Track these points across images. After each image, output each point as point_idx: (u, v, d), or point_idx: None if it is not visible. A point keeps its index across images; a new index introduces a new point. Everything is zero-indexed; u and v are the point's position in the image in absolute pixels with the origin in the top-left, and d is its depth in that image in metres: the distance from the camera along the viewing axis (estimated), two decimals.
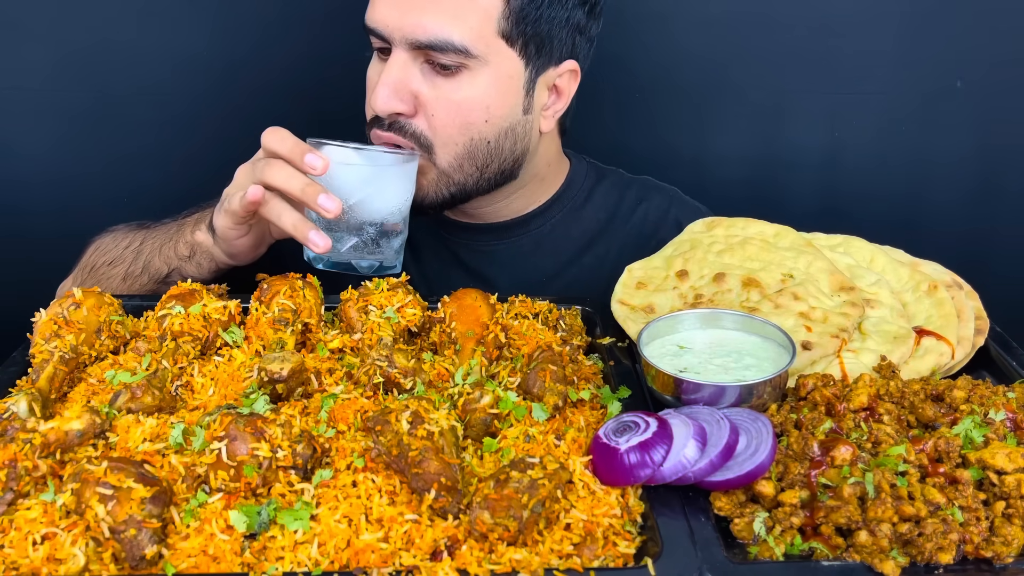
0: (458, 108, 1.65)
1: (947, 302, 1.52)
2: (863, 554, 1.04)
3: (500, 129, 1.71)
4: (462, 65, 1.62)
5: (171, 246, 1.75)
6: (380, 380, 1.31)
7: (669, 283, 1.60)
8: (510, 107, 1.70)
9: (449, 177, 1.73)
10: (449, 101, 1.65)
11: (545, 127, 1.80)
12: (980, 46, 2.37)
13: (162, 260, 1.75)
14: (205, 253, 1.70)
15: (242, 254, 1.70)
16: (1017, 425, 1.22)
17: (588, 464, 1.16)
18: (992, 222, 2.52)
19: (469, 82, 1.64)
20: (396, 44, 1.62)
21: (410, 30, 1.59)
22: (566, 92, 1.80)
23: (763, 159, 2.50)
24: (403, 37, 1.61)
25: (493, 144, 1.71)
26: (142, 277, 1.77)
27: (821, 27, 2.36)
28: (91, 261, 1.84)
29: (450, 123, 1.66)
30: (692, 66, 2.40)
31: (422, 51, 1.62)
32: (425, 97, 1.65)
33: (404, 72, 1.63)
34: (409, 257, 1.92)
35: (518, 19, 1.62)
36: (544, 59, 1.70)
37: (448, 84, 1.64)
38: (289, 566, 1.01)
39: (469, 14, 1.60)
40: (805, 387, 1.31)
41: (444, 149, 1.69)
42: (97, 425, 1.19)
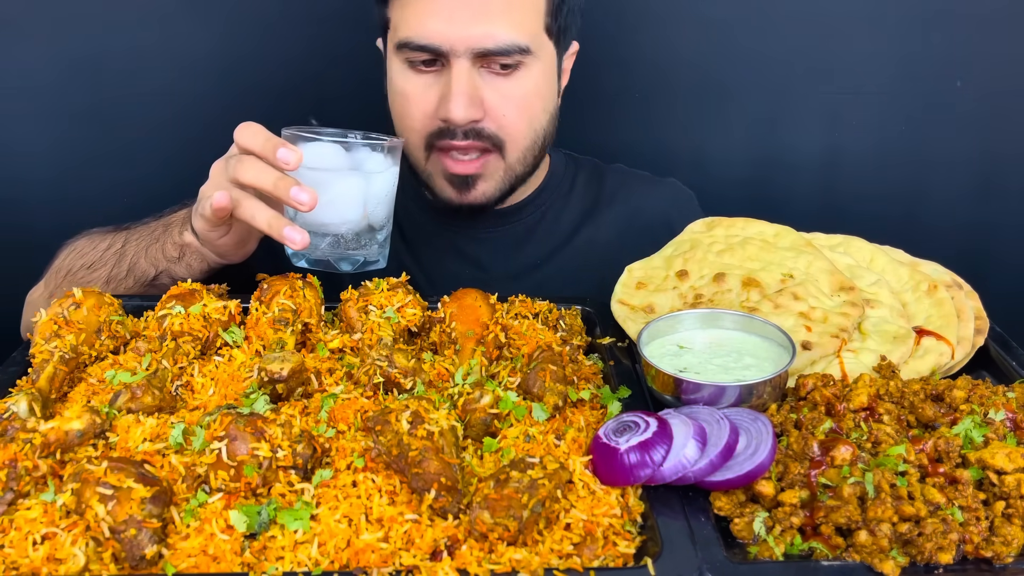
0: (523, 104, 1.76)
1: (947, 302, 1.52)
2: (863, 554, 1.04)
3: (550, 115, 1.84)
4: (520, 63, 1.71)
5: (158, 247, 1.71)
6: (380, 380, 1.31)
7: (669, 283, 1.60)
8: (553, 93, 1.84)
9: (513, 171, 1.84)
10: (514, 98, 1.74)
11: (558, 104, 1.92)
12: (980, 46, 2.37)
13: (148, 262, 1.71)
14: (195, 254, 1.68)
15: (229, 253, 1.67)
16: (1017, 425, 1.22)
17: (588, 464, 1.16)
18: (992, 222, 2.52)
19: (526, 77, 1.74)
20: (457, 55, 1.67)
21: (476, 40, 1.65)
22: (568, 70, 1.93)
23: (763, 159, 2.50)
24: (468, 48, 1.66)
25: (547, 130, 1.86)
26: (127, 280, 1.73)
27: (821, 27, 2.37)
28: (66, 265, 1.79)
29: (519, 119, 1.77)
30: (692, 66, 2.41)
31: (482, 57, 1.68)
32: (492, 101, 1.73)
33: (471, 80, 1.70)
34: (402, 247, 1.96)
35: (556, 12, 1.74)
36: (565, 44, 1.84)
37: (507, 84, 1.73)
38: (289, 566, 1.01)
39: (523, 16, 1.69)
40: (805, 387, 1.31)
41: (514, 145, 1.79)
42: (97, 425, 1.19)
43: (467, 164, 1.78)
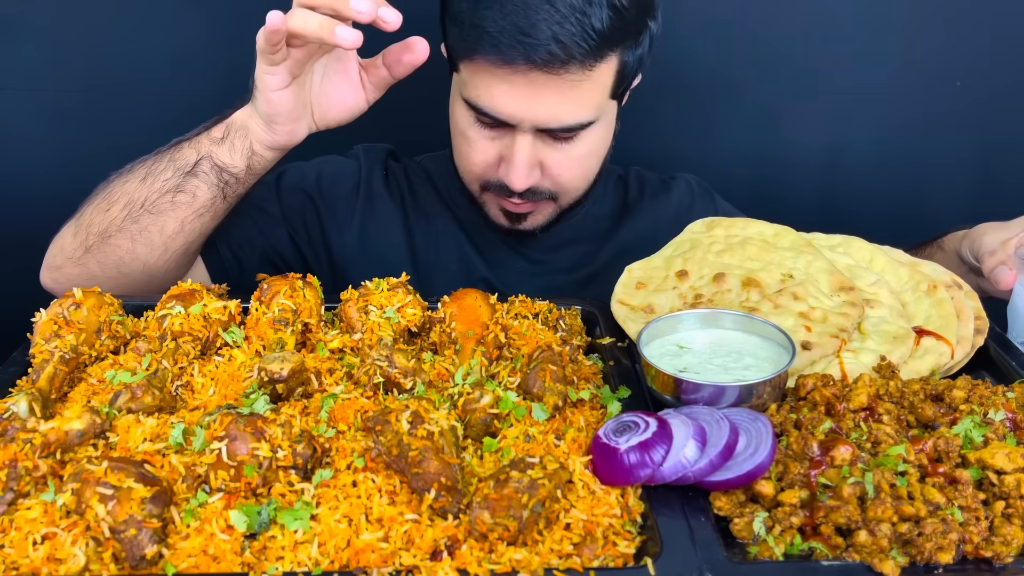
0: (581, 163, 1.80)
1: (946, 302, 1.52)
2: (863, 554, 1.04)
3: (604, 161, 1.90)
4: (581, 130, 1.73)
5: (203, 135, 1.68)
6: (380, 380, 1.31)
7: (669, 283, 1.60)
8: (609, 142, 1.88)
9: (561, 208, 1.89)
10: (572, 160, 1.77)
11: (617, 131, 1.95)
12: (980, 46, 2.37)
13: (192, 147, 1.67)
14: (240, 130, 1.64)
15: (282, 115, 1.61)
16: (1016, 425, 1.22)
17: (588, 464, 1.16)
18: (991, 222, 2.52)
19: (587, 139, 1.76)
20: (523, 129, 1.69)
21: (543, 120, 1.67)
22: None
23: (763, 159, 2.50)
24: (533, 125, 1.68)
25: (600, 174, 1.91)
26: (165, 172, 1.66)
27: (821, 27, 2.37)
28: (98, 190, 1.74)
29: (576, 177, 1.83)
30: (692, 67, 2.41)
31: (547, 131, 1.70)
32: (550, 163, 1.76)
33: (534, 149, 1.73)
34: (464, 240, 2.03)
35: (623, 77, 1.73)
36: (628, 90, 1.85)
37: (569, 147, 1.75)
38: (289, 566, 1.01)
39: (592, 94, 1.68)
40: (805, 387, 1.31)
41: (566, 195, 1.86)
42: (97, 425, 1.19)
43: (521, 206, 1.83)
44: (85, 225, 1.72)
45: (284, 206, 1.98)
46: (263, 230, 1.95)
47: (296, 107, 1.62)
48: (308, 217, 1.99)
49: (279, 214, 1.97)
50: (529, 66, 1.59)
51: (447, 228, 2.03)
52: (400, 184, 2.06)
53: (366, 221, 2.00)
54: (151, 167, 1.69)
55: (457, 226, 2.03)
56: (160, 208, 1.66)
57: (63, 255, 1.75)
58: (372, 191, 2.03)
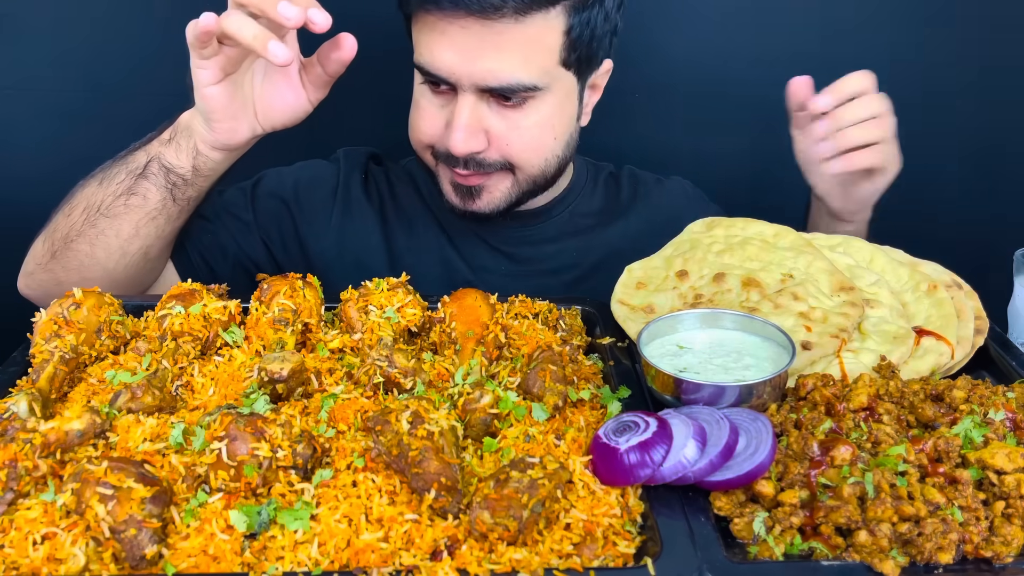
0: (529, 134, 1.74)
1: (947, 302, 1.52)
2: (863, 554, 1.04)
3: (564, 142, 1.83)
4: (528, 97, 1.69)
5: (155, 138, 1.68)
6: (380, 380, 1.31)
7: (669, 283, 1.60)
8: (570, 120, 1.82)
9: (520, 188, 1.83)
10: (520, 130, 1.72)
11: (584, 122, 1.91)
12: (980, 46, 2.37)
13: (143, 151, 1.68)
14: (185, 130, 1.63)
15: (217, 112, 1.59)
16: (1017, 425, 1.22)
17: (588, 464, 1.16)
18: (992, 222, 2.52)
19: (536, 109, 1.71)
20: (463, 88, 1.66)
21: (480, 77, 1.63)
22: (600, 87, 1.91)
23: (763, 159, 2.50)
24: (472, 83, 1.64)
25: (561, 156, 1.84)
26: (119, 175, 1.66)
27: (821, 27, 2.36)
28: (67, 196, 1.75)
29: (525, 148, 1.75)
30: (692, 66, 2.41)
31: (489, 91, 1.66)
32: (497, 131, 1.71)
33: (475, 112, 1.68)
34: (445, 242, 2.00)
35: (575, 46, 1.69)
36: (591, 68, 1.80)
37: (517, 114, 1.71)
38: (289, 566, 1.01)
39: (534, 55, 1.64)
40: (805, 387, 1.31)
41: (522, 169, 1.79)
42: (97, 425, 1.19)
43: (469, 177, 1.78)
44: (51, 231, 1.72)
45: (258, 213, 1.98)
46: (235, 236, 1.95)
47: (232, 105, 1.60)
48: (284, 224, 1.99)
49: (252, 221, 1.97)
50: (463, 14, 1.57)
51: (428, 231, 2.00)
52: (380, 188, 2.05)
53: (343, 226, 1.99)
54: (107, 171, 1.70)
55: (438, 228, 2.00)
56: (115, 211, 1.66)
57: (34, 261, 1.75)
58: (350, 196, 2.02)
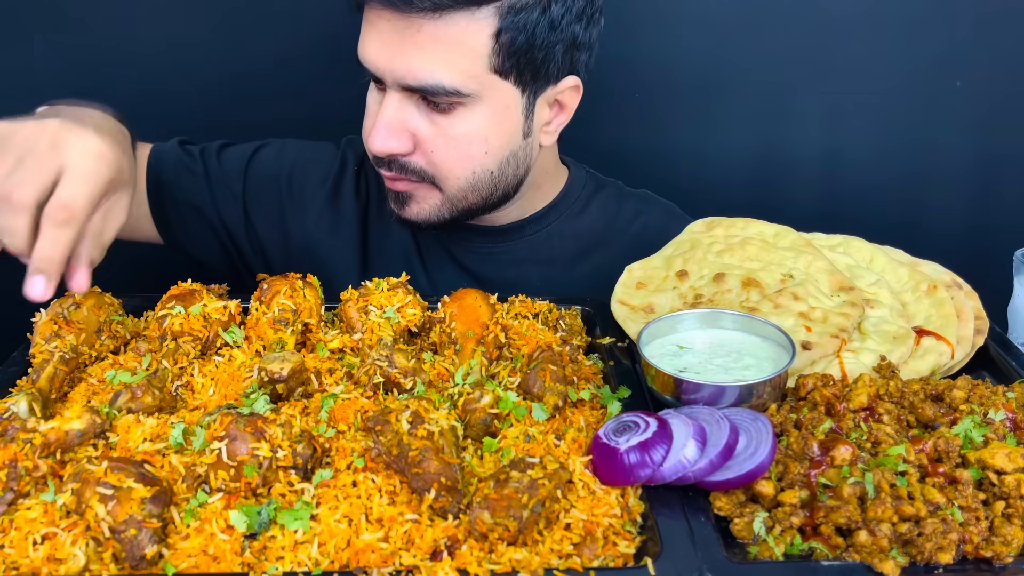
0: (456, 143, 1.64)
1: (947, 302, 1.52)
2: (863, 554, 1.04)
3: (501, 158, 1.69)
4: (456, 103, 1.60)
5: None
6: (380, 380, 1.31)
7: (669, 283, 1.60)
8: (509, 135, 1.68)
9: (452, 204, 1.73)
10: (447, 137, 1.63)
11: (546, 142, 1.78)
12: (980, 46, 2.37)
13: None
14: None
15: None
16: (1017, 425, 1.22)
17: (588, 464, 1.16)
18: (992, 222, 2.52)
19: (465, 118, 1.62)
20: (388, 84, 1.60)
21: (400, 74, 1.56)
22: (569, 106, 1.77)
23: (763, 159, 2.50)
24: (394, 80, 1.58)
25: (496, 174, 1.71)
26: None
27: (821, 27, 2.36)
28: None
29: (450, 158, 1.65)
30: (692, 66, 2.41)
31: (414, 91, 1.59)
32: (423, 134, 1.63)
33: (400, 112, 1.61)
34: (413, 251, 1.93)
35: (509, 53, 1.58)
36: (542, 82, 1.67)
37: (445, 120, 1.62)
38: (289, 566, 1.01)
39: (457, 56, 1.55)
40: (805, 387, 1.31)
41: (447, 182, 1.68)
42: (97, 425, 1.19)
43: (395, 183, 1.72)
44: None
45: (248, 184, 1.93)
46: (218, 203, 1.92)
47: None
48: (270, 201, 1.94)
49: (240, 192, 1.92)
50: (383, 6, 1.53)
51: (401, 236, 1.93)
52: (369, 183, 1.98)
53: (323, 214, 1.93)
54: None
55: (410, 236, 1.93)
56: None
57: None
58: (341, 186, 1.96)
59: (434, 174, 1.67)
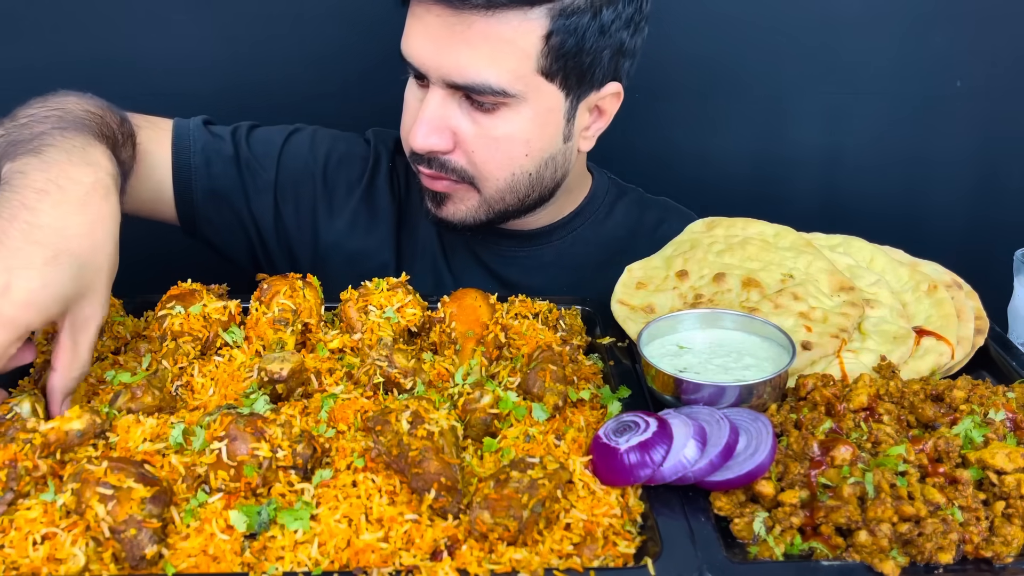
0: (498, 144, 1.63)
1: (947, 302, 1.52)
2: (863, 554, 1.04)
3: (540, 161, 1.69)
4: (501, 103, 1.60)
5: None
6: (380, 380, 1.31)
7: (669, 283, 1.60)
8: (550, 138, 1.68)
9: (489, 206, 1.73)
10: (489, 138, 1.62)
11: (585, 147, 1.79)
12: (980, 46, 2.37)
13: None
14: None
15: None
16: (1017, 425, 1.22)
17: (588, 464, 1.16)
18: (992, 222, 2.52)
19: (508, 119, 1.61)
20: (433, 81, 1.59)
21: (446, 71, 1.56)
22: (608, 112, 1.77)
23: (763, 159, 2.50)
24: (440, 77, 1.57)
25: (534, 176, 1.71)
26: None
27: (821, 27, 2.36)
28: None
29: (490, 159, 1.65)
30: (692, 66, 2.40)
31: (459, 89, 1.58)
32: (464, 134, 1.62)
33: (443, 109, 1.60)
34: (439, 252, 1.93)
35: (558, 56, 1.58)
36: (586, 87, 1.67)
37: (488, 120, 1.61)
38: (289, 566, 1.01)
39: (507, 56, 1.55)
40: (805, 387, 1.31)
41: (486, 183, 1.68)
42: (97, 425, 1.19)
43: (434, 182, 1.71)
44: None
45: (281, 173, 1.88)
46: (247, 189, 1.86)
47: None
48: (303, 191, 1.89)
49: (272, 181, 1.87)
50: (436, 1, 1.51)
51: (428, 236, 1.92)
52: (400, 180, 1.96)
53: (359, 213, 1.91)
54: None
55: (436, 236, 1.92)
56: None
57: None
58: (375, 183, 1.93)
59: (474, 174, 1.67)
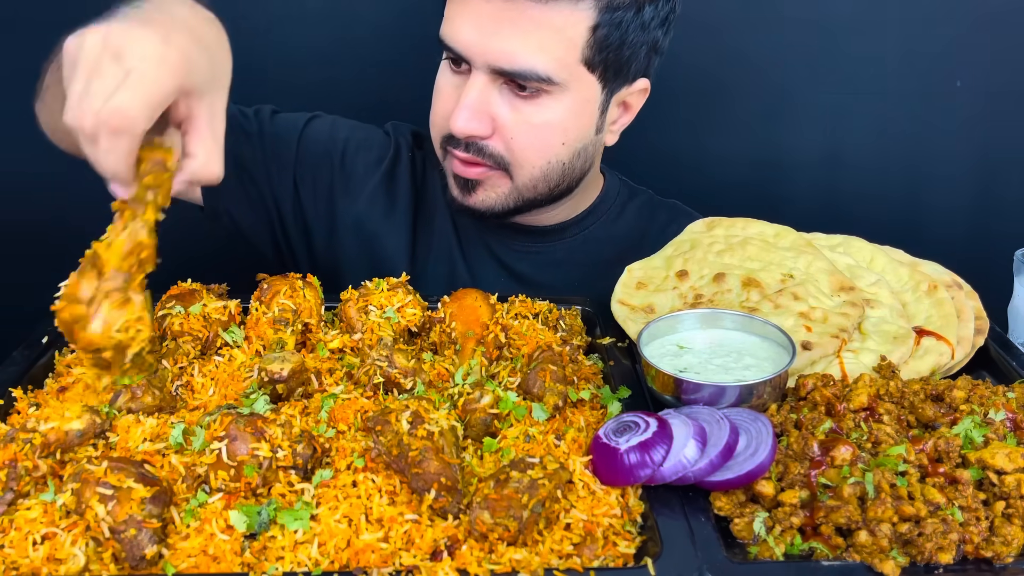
0: (537, 132, 1.67)
1: (947, 302, 1.52)
2: (863, 554, 1.04)
3: (574, 151, 1.74)
4: (542, 91, 1.63)
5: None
6: (380, 380, 1.31)
7: (669, 283, 1.60)
8: (585, 129, 1.73)
9: (520, 194, 1.75)
10: (528, 125, 1.65)
11: (610, 141, 1.83)
12: (980, 47, 2.37)
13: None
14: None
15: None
16: (1017, 425, 1.22)
17: (588, 464, 1.16)
18: (992, 222, 2.52)
19: (549, 106, 1.65)
20: (476, 66, 1.61)
21: (494, 57, 1.58)
22: (634, 107, 1.82)
23: (763, 159, 2.50)
24: (486, 62, 1.60)
25: (567, 165, 1.75)
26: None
27: (821, 27, 2.37)
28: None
29: (528, 146, 1.68)
30: (692, 66, 2.40)
31: (502, 75, 1.61)
32: (504, 120, 1.65)
33: (484, 94, 1.63)
34: (454, 244, 1.94)
35: (601, 48, 1.62)
36: (620, 80, 1.72)
37: (528, 107, 1.64)
38: (289, 566, 1.01)
39: (555, 44, 1.58)
40: (805, 387, 1.31)
41: (521, 170, 1.71)
42: (97, 425, 1.19)
43: (468, 169, 1.72)
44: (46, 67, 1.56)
45: (301, 154, 1.90)
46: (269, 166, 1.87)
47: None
48: (320, 173, 1.91)
49: (292, 160, 1.89)
50: None
51: (443, 228, 1.95)
52: (417, 172, 1.97)
53: (377, 195, 1.92)
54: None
55: (452, 228, 1.95)
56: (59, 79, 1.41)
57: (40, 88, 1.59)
58: (396, 170, 1.95)
59: (510, 160, 1.69)
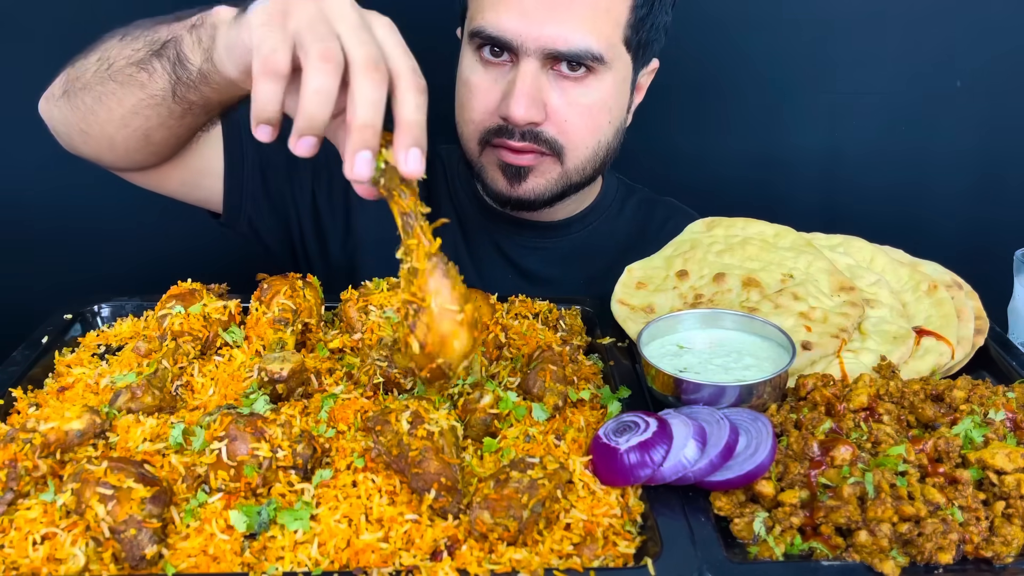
0: (589, 112, 1.70)
1: (947, 302, 1.52)
2: (863, 554, 1.04)
3: (616, 129, 1.79)
4: (591, 70, 1.66)
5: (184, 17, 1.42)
6: (380, 380, 1.31)
7: (669, 283, 1.60)
8: (622, 108, 1.78)
9: (568, 177, 1.78)
10: (580, 106, 1.69)
11: (628, 121, 1.88)
12: (980, 46, 2.37)
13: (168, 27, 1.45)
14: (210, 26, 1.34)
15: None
16: (1017, 425, 1.22)
17: (588, 464, 1.16)
18: (992, 221, 2.53)
19: (595, 87, 1.68)
20: (527, 53, 1.62)
21: (548, 40, 1.60)
22: (644, 87, 1.88)
23: (763, 159, 2.51)
24: (539, 48, 1.61)
25: (611, 144, 1.80)
26: (137, 42, 1.47)
27: (821, 27, 2.37)
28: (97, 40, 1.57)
29: (582, 127, 1.71)
30: (692, 66, 2.41)
31: (553, 59, 1.63)
32: (555, 104, 1.68)
33: (537, 81, 1.65)
34: (460, 241, 1.95)
35: (638, 26, 1.68)
36: (643, 59, 1.78)
37: (577, 89, 1.67)
38: (289, 566, 1.01)
39: (603, 23, 1.63)
40: (805, 387, 1.31)
41: (574, 153, 1.74)
42: (97, 425, 1.19)
43: (520, 157, 1.73)
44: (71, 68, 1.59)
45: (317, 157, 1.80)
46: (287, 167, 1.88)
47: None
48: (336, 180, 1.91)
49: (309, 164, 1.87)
50: None
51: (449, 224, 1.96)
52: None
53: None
54: (134, 31, 1.51)
55: (457, 224, 1.96)
56: (121, 78, 1.49)
57: (53, 91, 1.63)
58: None
59: (564, 143, 1.72)
